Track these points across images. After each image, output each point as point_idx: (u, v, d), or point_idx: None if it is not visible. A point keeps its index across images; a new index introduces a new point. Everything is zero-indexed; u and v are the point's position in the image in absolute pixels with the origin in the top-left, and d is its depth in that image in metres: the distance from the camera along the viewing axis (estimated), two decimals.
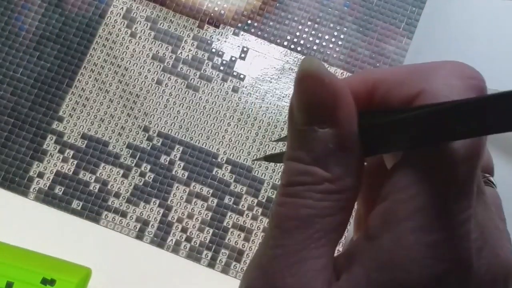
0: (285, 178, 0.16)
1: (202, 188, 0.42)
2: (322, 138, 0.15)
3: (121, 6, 0.45)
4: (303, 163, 0.15)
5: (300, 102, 0.15)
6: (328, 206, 0.15)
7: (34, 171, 0.42)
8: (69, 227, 0.41)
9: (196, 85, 0.44)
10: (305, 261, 0.15)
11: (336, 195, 0.15)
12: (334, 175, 0.15)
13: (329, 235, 0.15)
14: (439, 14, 0.45)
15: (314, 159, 0.15)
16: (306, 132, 0.15)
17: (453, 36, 0.45)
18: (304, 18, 0.45)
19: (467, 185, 0.14)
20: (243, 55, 0.44)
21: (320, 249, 0.15)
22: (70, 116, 0.43)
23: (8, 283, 0.36)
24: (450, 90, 0.14)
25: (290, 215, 0.15)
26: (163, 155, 0.42)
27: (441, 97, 0.14)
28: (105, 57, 0.44)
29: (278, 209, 0.16)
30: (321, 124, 0.15)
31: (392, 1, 0.45)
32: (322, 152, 0.15)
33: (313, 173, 0.15)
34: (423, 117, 0.14)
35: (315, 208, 0.15)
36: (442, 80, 0.15)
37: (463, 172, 0.14)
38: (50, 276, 0.36)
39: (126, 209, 0.41)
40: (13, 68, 0.43)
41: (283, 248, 0.15)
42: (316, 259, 0.15)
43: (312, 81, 0.15)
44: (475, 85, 0.15)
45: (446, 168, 0.14)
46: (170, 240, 0.41)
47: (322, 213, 0.15)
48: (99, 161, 0.42)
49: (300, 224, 0.15)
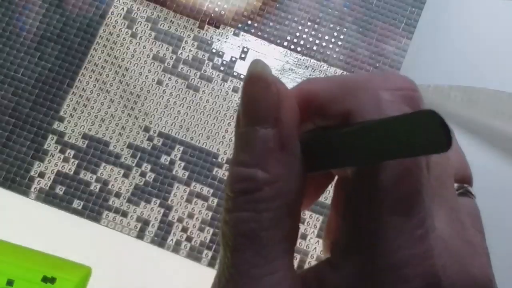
0: (228, 186, 0.15)
1: (203, 188, 0.42)
2: (263, 138, 0.15)
3: (122, 6, 0.45)
4: (245, 166, 0.15)
5: (245, 104, 0.15)
6: (271, 217, 0.15)
7: (35, 171, 0.42)
8: (70, 226, 0.41)
9: (196, 85, 0.44)
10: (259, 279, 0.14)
11: (277, 202, 0.15)
12: (274, 175, 0.15)
13: (278, 246, 0.15)
14: (438, 14, 0.45)
15: (254, 159, 0.15)
16: (248, 133, 0.15)
17: (452, 37, 0.45)
18: (304, 19, 0.45)
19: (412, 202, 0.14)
20: (243, 55, 0.44)
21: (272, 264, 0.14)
22: (71, 116, 0.43)
23: (8, 281, 0.36)
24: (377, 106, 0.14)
25: (234, 233, 0.15)
26: (164, 155, 0.42)
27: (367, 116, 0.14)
28: (105, 57, 0.44)
29: (223, 228, 0.15)
30: (264, 124, 0.15)
31: (391, 2, 0.45)
32: (262, 152, 0.15)
33: (253, 177, 0.15)
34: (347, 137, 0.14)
35: (258, 221, 0.15)
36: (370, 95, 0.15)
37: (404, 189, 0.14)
38: (51, 274, 0.36)
39: (126, 209, 0.42)
40: (14, 69, 0.43)
41: (236, 268, 0.15)
42: (271, 276, 0.14)
43: (257, 83, 0.15)
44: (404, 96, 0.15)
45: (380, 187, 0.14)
46: (171, 239, 0.41)
47: (266, 225, 0.15)
48: (100, 161, 0.42)
49: (245, 242, 0.15)
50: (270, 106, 0.15)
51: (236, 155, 0.15)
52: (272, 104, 0.15)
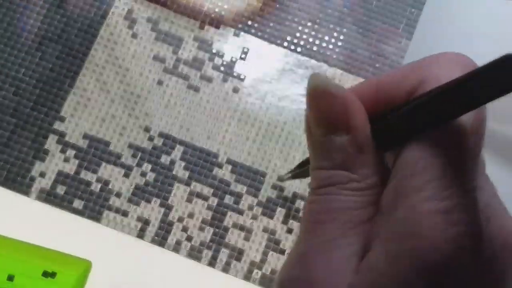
0: (315, 184, 0.17)
1: (203, 188, 0.42)
2: (341, 145, 0.16)
3: (123, 7, 0.45)
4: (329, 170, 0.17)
5: (316, 117, 0.17)
6: (357, 200, 0.16)
7: (36, 170, 0.42)
8: (71, 226, 0.41)
9: (196, 85, 0.44)
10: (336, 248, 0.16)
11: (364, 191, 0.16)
12: (360, 176, 0.16)
13: (359, 227, 0.16)
14: (438, 15, 0.45)
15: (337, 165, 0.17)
16: (325, 143, 0.17)
17: (452, 37, 0.45)
18: (304, 19, 0.45)
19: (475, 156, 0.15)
20: (243, 56, 0.44)
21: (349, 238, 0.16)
22: (71, 117, 0.43)
23: (9, 276, 0.36)
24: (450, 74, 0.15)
25: (322, 209, 0.17)
26: (164, 155, 0.43)
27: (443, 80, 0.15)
28: (106, 57, 0.44)
29: (310, 206, 0.17)
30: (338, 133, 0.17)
31: (391, 2, 0.45)
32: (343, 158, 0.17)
33: (340, 175, 0.17)
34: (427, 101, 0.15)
35: (345, 201, 0.16)
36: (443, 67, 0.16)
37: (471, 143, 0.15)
38: (51, 269, 0.37)
39: (127, 208, 0.42)
40: (15, 69, 0.43)
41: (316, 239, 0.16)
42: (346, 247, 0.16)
43: (323, 97, 0.17)
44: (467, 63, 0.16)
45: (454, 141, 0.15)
46: (171, 239, 0.41)
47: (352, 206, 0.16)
48: (101, 161, 0.42)
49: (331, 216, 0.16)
50: (339, 116, 0.16)
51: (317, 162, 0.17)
52: (342, 114, 0.16)
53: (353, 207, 0.16)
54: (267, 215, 0.42)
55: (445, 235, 0.14)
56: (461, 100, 0.14)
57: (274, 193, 0.42)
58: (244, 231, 0.42)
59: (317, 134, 0.17)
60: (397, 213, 0.15)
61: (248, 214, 0.42)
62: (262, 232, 0.42)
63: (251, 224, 0.42)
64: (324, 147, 0.17)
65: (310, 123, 0.17)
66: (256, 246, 0.41)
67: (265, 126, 0.43)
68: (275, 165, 0.43)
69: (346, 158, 0.16)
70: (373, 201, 0.16)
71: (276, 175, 0.43)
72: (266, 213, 0.42)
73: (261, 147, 0.43)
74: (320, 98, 0.17)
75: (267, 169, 0.43)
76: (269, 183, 0.42)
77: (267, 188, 0.42)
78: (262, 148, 0.43)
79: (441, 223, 0.14)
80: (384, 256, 0.15)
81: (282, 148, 0.43)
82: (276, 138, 0.43)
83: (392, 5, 0.45)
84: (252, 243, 0.41)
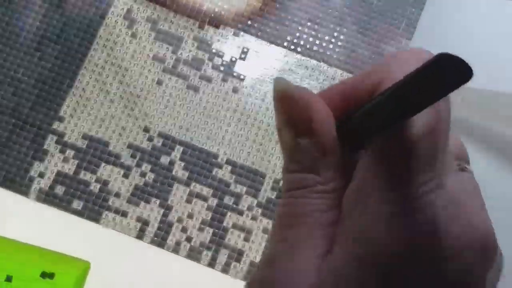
0: (285, 186, 0.17)
1: (202, 188, 0.42)
2: (306, 149, 0.17)
3: (122, 7, 0.45)
4: (296, 173, 0.17)
5: (280, 121, 0.17)
6: (324, 203, 0.17)
7: (35, 171, 0.42)
8: (70, 227, 0.41)
9: (196, 85, 0.44)
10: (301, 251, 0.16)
11: (330, 194, 0.17)
12: (325, 178, 0.17)
13: (326, 229, 0.16)
14: (438, 15, 0.45)
15: (305, 168, 0.17)
16: (294, 146, 0.17)
17: (452, 37, 0.45)
18: (304, 19, 0.45)
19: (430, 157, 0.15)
20: (243, 55, 0.44)
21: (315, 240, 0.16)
22: (70, 117, 0.43)
23: (7, 276, 0.36)
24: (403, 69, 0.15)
25: (291, 212, 0.17)
26: (164, 155, 0.42)
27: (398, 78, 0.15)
28: (105, 57, 0.44)
29: (280, 209, 0.17)
30: (302, 136, 0.17)
31: (391, 2, 0.45)
32: (309, 161, 0.17)
33: (308, 178, 0.17)
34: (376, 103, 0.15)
35: (313, 204, 0.17)
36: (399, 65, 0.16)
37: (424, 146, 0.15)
38: (50, 270, 0.36)
39: (126, 209, 0.42)
40: (14, 69, 0.43)
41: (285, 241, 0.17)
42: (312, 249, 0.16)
43: (285, 101, 0.17)
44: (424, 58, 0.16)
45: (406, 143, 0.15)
46: (170, 240, 0.41)
47: (319, 209, 0.17)
48: (100, 161, 0.42)
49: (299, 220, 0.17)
50: (302, 119, 0.17)
51: (286, 164, 0.17)
52: (305, 117, 0.17)
53: (320, 210, 0.16)
54: (266, 215, 0.42)
55: (398, 237, 0.15)
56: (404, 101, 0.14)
57: (273, 194, 0.42)
58: (244, 232, 0.41)
59: (286, 137, 0.17)
60: (354, 216, 0.16)
61: (248, 214, 0.42)
62: (261, 233, 0.41)
63: (250, 225, 0.42)
64: (292, 150, 0.17)
65: (280, 126, 0.18)
66: (256, 246, 0.41)
67: (265, 126, 0.43)
68: (275, 165, 0.43)
69: (312, 162, 0.17)
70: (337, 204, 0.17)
71: (276, 175, 0.42)
72: (266, 213, 0.42)
73: (261, 148, 0.43)
74: (284, 101, 0.17)
75: (266, 169, 0.43)
76: (268, 183, 0.42)
77: (267, 188, 0.42)
78: (262, 148, 0.43)
79: (395, 226, 0.15)
80: (343, 258, 0.15)
81: None
82: (276, 138, 0.43)
83: (392, 5, 0.45)
84: (252, 243, 0.41)
